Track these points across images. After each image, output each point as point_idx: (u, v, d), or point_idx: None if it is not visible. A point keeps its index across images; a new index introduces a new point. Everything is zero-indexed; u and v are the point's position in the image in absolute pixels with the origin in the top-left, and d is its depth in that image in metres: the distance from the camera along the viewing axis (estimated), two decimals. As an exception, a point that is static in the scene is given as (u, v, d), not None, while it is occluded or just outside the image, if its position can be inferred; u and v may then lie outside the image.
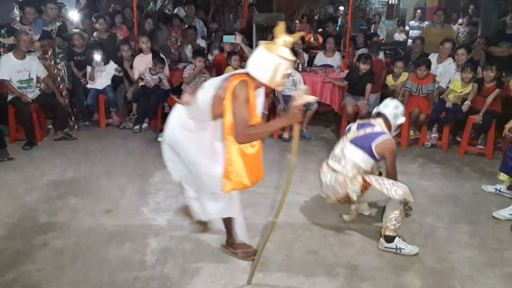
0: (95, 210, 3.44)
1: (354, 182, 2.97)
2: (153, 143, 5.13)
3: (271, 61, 2.19)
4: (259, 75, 2.24)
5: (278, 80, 2.23)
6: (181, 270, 2.68)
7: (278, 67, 2.19)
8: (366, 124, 3.15)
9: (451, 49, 5.47)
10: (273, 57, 2.19)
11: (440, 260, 2.81)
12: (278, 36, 2.21)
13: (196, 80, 5.36)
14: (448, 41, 5.56)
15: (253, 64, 2.26)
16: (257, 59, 2.25)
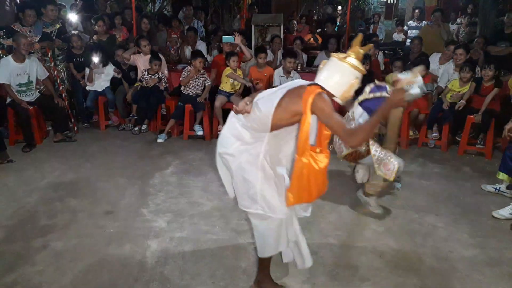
0: (94, 212, 3.44)
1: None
2: (152, 145, 5.14)
3: (349, 76, 2.08)
4: (334, 89, 2.10)
5: (348, 95, 2.13)
6: (181, 271, 2.68)
7: (355, 82, 2.10)
8: (380, 87, 3.18)
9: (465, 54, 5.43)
10: (352, 72, 2.08)
11: (440, 260, 2.81)
12: (354, 48, 2.12)
13: (195, 81, 5.36)
14: (453, 43, 5.57)
15: (328, 77, 2.11)
16: (333, 73, 2.11)
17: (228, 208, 3.52)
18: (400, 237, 3.09)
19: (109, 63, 5.71)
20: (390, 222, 3.32)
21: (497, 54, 5.77)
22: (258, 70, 5.46)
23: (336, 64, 2.12)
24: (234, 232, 3.14)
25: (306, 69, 6.17)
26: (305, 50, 6.93)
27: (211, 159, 4.65)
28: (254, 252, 2.87)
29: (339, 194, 3.80)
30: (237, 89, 5.44)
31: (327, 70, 2.14)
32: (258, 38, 6.87)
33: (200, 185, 3.97)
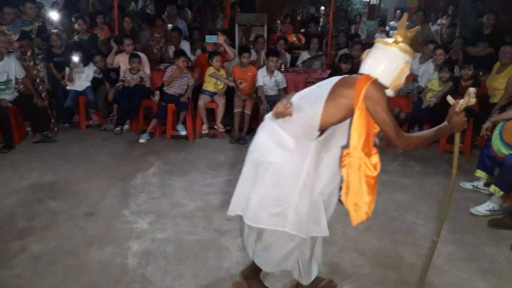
0: (75, 214, 3.39)
1: None
2: (134, 145, 5.08)
3: (398, 60, 1.92)
4: (382, 77, 1.92)
5: (399, 84, 1.96)
6: (163, 273, 2.66)
7: (405, 67, 1.93)
8: None
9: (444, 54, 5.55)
10: (401, 56, 1.92)
11: (419, 256, 2.85)
12: (400, 31, 1.95)
13: (179, 81, 5.33)
14: (432, 42, 5.66)
15: (373, 65, 1.95)
16: (379, 59, 1.94)
17: (211, 208, 3.51)
18: (381, 234, 3.13)
19: (90, 62, 5.63)
20: (371, 220, 3.31)
21: (476, 55, 5.89)
22: (241, 70, 5.46)
23: (381, 49, 1.95)
24: (217, 233, 3.13)
25: (289, 68, 6.19)
26: (289, 50, 6.96)
27: (194, 159, 4.65)
28: (238, 253, 2.87)
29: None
30: (220, 88, 5.43)
31: (372, 57, 1.96)
32: (242, 37, 6.86)
33: (182, 186, 3.94)
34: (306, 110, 1.97)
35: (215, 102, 5.36)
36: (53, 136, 5.25)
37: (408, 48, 1.93)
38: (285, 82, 5.49)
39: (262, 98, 5.29)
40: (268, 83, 5.36)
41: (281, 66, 6.03)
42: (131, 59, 5.44)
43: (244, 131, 5.37)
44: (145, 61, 5.67)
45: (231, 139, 5.29)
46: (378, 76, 1.92)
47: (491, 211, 3.44)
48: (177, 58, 5.28)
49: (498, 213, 3.43)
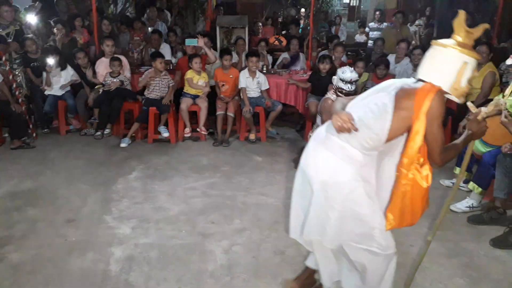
0: (55, 221, 3.32)
1: None
2: (115, 149, 5.01)
3: (455, 62, 1.78)
4: (444, 83, 1.79)
5: (461, 87, 1.80)
6: (146, 278, 2.62)
7: (463, 68, 1.77)
8: None
9: (406, 48, 5.68)
10: (458, 56, 1.77)
11: (402, 254, 2.87)
12: (458, 29, 1.83)
13: (159, 83, 5.29)
14: (403, 41, 5.76)
15: (433, 69, 1.83)
16: (434, 61, 1.83)
17: (194, 212, 3.49)
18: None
19: (67, 66, 5.53)
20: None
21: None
22: (223, 72, 5.45)
23: (437, 51, 1.83)
24: (200, 236, 3.11)
25: (271, 70, 6.21)
26: (270, 52, 6.98)
27: (177, 162, 4.62)
28: (222, 256, 2.85)
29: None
30: (202, 91, 5.41)
31: (430, 61, 1.85)
32: (223, 40, 6.85)
33: (165, 190, 3.90)
34: (372, 125, 1.86)
35: (197, 105, 5.33)
36: (32, 142, 5.14)
37: (468, 48, 1.80)
38: (268, 84, 5.50)
39: (244, 100, 5.29)
40: (250, 85, 5.36)
41: (263, 68, 6.05)
42: (111, 62, 5.37)
43: (227, 133, 5.36)
44: (125, 64, 5.61)
45: (214, 142, 5.27)
46: (440, 83, 1.80)
47: (470, 208, 3.51)
48: (154, 60, 5.24)
49: (477, 209, 3.51)
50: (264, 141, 5.39)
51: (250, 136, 5.39)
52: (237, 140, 5.45)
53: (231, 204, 3.64)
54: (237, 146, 5.21)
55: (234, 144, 5.30)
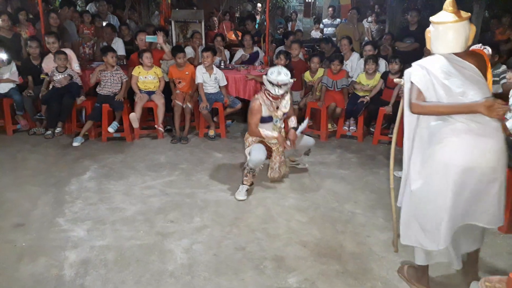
0: (2, 226, 3.13)
1: None
2: (68, 149, 4.80)
3: (467, 28, 2.21)
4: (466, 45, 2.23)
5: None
6: (103, 282, 2.54)
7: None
8: None
9: (348, 44, 5.84)
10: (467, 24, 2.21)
11: (359, 245, 2.98)
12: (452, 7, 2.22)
13: (110, 79, 5.11)
14: (344, 38, 5.92)
15: (463, 40, 2.20)
16: (462, 34, 2.19)
17: (152, 211, 3.41)
18: (322, 225, 3.23)
19: (11, 61, 5.20)
20: (313, 212, 3.45)
21: (404, 50, 6.26)
22: (178, 70, 5.34)
23: (457, 26, 2.19)
24: (159, 236, 3.05)
25: (229, 66, 6.17)
26: (228, 47, 6.94)
27: (133, 161, 4.49)
28: (183, 255, 2.81)
29: (265, 187, 3.87)
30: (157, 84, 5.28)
31: (458, 36, 2.20)
32: (179, 34, 6.73)
33: (121, 189, 3.79)
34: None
35: (153, 102, 5.20)
36: (-26, 143, 4.81)
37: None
38: (226, 80, 5.46)
39: (201, 96, 5.22)
40: (207, 81, 5.30)
41: (221, 63, 6.00)
42: (56, 55, 5.10)
43: (186, 130, 5.27)
44: (71, 57, 5.34)
45: (172, 139, 5.18)
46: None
47: None
48: (105, 54, 5.07)
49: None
50: (224, 137, 5.36)
51: (209, 132, 5.34)
52: (196, 137, 5.39)
53: (190, 202, 3.60)
54: (196, 143, 5.14)
55: (193, 141, 5.23)
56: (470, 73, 2.17)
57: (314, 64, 5.58)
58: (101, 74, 5.12)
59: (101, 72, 5.12)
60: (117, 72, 5.17)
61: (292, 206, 3.55)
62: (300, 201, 3.63)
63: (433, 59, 2.24)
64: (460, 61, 2.18)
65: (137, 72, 5.18)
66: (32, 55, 5.34)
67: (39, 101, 5.30)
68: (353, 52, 5.91)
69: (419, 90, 2.18)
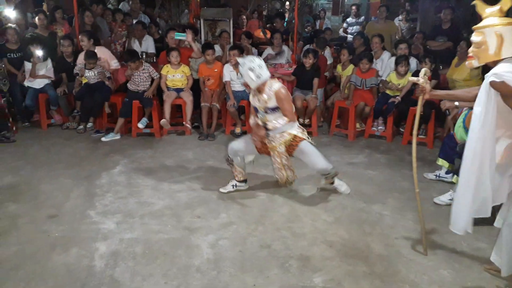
0: (37, 216, 3.25)
1: None
2: (98, 143, 4.94)
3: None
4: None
5: None
6: (132, 273, 2.59)
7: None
8: None
9: (380, 43, 5.73)
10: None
11: (386, 246, 2.93)
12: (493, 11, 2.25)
13: (138, 77, 5.21)
14: (376, 36, 5.81)
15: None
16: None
17: (179, 206, 3.46)
18: (349, 226, 3.19)
19: (47, 58, 5.39)
20: (340, 212, 3.41)
21: (436, 49, 6.10)
22: (207, 67, 5.39)
23: (504, 29, 2.20)
24: (186, 231, 3.09)
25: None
26: (256, 46, 6.95)
27: (162, 157, 4.57)
28: (209, 250, 2.84)
29: (292, 186, 3.85)
30: (184, 82, 5.35)
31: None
32: (208, 32, 6.79)
33: (150, 184, 3.86)
34: None
35: (182, 99, 5.27)
36: (12, 136, 5.01)
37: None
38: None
39: (229, 94, 5.26)
40: (235, 79, 5.33)
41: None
42: (86, 59, 5.23)
43: (213, 127, 5.32)
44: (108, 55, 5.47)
45: (200, 136, 5.24)
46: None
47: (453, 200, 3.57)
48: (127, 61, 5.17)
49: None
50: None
51: (236, 130, 5.37)
52: (222, 134, 5.43)
53: (216, 198, 3.63)
54: (222, 140, 5.18)
55: (220, 138, 5.28)
56: None
57: (344, 56, 5.52)
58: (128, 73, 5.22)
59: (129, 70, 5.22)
60: (145, 71, 5.25)
61: (318, 205, 3.52)
62: (326, 201, 3.60)
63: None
64: None
65: (165, 71, 5.26)
66: (65, 53, 5.51)
67: (72, 97, 5.48)
68: (384, 51, 5.80)
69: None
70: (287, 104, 3.37)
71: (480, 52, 2.30)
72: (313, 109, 5.28)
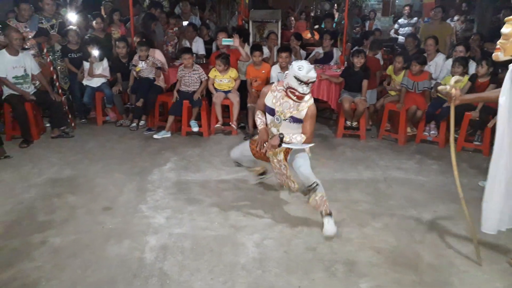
0: (93, 208, 3.43)
1: None
2: (150, 141, 5.12)
3: None
4: None
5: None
6: (180, 267, 2.68)
7: None
8: None
9: (434, 45, 5.51)
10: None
11: (438, 256, 2.82)
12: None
13: (188, 78, 5.35)
14: (430, 38, 5.59)
15: None
16: None
17: (226, 204, 3.52)
18: (398, 233, 3.10)
19: (104, 58, 5.67)
20: (388, 218, 3.33)
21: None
22: (255, 68, 5.43)
23: None
24: (233, 229, 3.14)
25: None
26: (303, 47, 6.93)
27: (209, 155, 4.66)
28: (254, 249, 2.87)
29: (337, 190, 3.81)
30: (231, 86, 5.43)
31: None
32: (256, 34, 6.85)
33: (198, 182, 3.96)
34: None
35: (229, 99, 5.36)
36: (71, 131, 5.33)
37: None
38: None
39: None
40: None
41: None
42: (138, 47, 5.49)
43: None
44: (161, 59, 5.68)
45: (245, 136, 5.30)
46: None
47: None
48: (181, 56, 5.33)
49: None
50: (295, 136, 5.36)
51: (281, 131, 5.37)
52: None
53: (262, 198, 3.66)
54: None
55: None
56: None
57: (399, 64, 5.37)
58: (180, 74, 5.38)
59: (180, 71, 5.38)
60: (195, 72, 5.39)
61: (366, 211, 3.45)
62: (374, 206, 3.53)
63: None
64: None
65: (213, 75, 5.37)
66: (120, 54, 5.76)
67: (126, 95, 5.74)
68: (438, 53, 5.59)
69: None
70: (312, 124, 3.15)
71: (508, 44, 2.23)
72: (362, 111, 5.18)
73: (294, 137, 3.11)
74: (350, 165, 4.43)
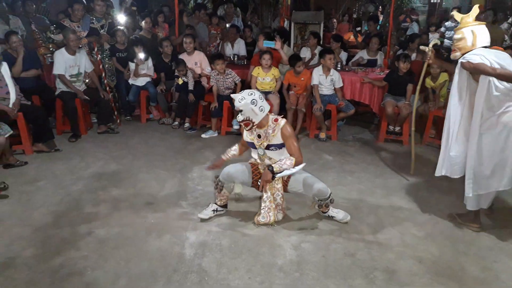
0: (136, 202, 3.55)
1: None
2: (191, 139, 5.23)
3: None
4: None
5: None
6: (218, 265, 2.72)
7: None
8: None
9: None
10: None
11: (483, 269, 2.71)
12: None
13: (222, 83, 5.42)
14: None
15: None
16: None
17: (264, 205, 3.53)
18: (442, 243, 3.00)
19: (149, 58, 5.83)
20: (431, 227, 3.23)
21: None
22: (295, 76, 5.41)
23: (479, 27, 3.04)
24: (270, 230, 3.15)
25: (346, 67, 6.06)
26: (345, 49, 6.83)
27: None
28: (291, 251, 2.87)
29: (379, 196, 3.74)
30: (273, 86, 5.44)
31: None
32: (297, 36, 6.83)
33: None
34: None
35: (269, 101, 5.37)
36: (116, 127, 5.54)
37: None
38: (341, 82, 5.39)
39: (316, 97, 5.24)
40: (323, 82, 5.30)
41: (337, 65, 5.93)
42: (176, 66, 5.60)
43: (297, 129, 5.35)
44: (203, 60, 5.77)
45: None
46: None
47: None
48: (213, 62, 5.37)
49: None
50: (335, 140, 5.31)
51: (320, 134, 5.34)
52: (306, 137, 5.43)
53: (300, 201, 3.63)
54: (306, 143, 5.18)
55: (304, 141, 5.29)
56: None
57: (434, 69, 5.17)
58: (213, 81, 5.44)
59: (213, 78, 5.44)
60: (229, 77, 5.44)
61: (407, 218, 3.36)
62: (416, 214, 3.43)
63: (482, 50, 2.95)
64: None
65: (256, 73, 5.40)
66: (164, 54, 5.91)
67: (169, 94, 5.89)
68: None
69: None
70: (294, 142, 3.07)
71: (461, 45, 3.03)
72: (406, 116, 5.04)
73: (284, 163, 3.03)
74: (392, 171, 4.33)
